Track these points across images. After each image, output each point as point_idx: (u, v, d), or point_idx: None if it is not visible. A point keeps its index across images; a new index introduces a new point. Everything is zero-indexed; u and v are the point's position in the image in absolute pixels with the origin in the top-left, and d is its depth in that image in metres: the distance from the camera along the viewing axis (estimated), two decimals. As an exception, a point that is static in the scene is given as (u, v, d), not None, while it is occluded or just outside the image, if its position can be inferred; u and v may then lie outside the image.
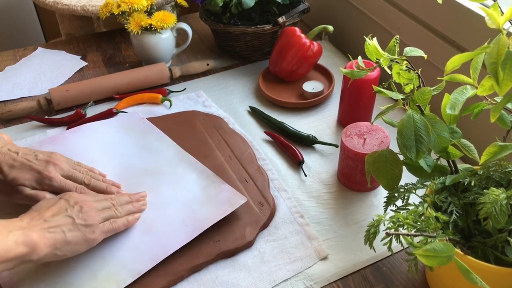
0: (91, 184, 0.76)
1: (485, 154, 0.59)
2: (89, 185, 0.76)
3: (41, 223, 0.62)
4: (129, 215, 0.72)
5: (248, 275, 0.70)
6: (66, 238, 0.63)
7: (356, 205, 0.81)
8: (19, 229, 0.59)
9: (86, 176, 0.77)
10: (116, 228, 0.69)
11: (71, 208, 0.66)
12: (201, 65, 1.12)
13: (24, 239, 0.58)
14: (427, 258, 0.50)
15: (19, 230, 0.59)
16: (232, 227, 0.74)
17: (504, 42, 0.48)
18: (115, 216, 0.70)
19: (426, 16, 0.93)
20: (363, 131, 0.81)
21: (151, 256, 0.69)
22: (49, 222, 0.63)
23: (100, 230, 0.67)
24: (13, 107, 0.98)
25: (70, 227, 0.64)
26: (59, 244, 0.62)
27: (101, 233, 0.67)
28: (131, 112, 0.98)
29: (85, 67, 1.16)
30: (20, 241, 0.58)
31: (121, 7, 1.06)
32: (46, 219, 0.63)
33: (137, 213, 0.74)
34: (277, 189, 0.83)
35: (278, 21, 1.07)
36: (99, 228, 0.67)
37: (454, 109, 0.57)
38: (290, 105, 1.01)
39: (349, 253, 0.73)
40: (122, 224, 0.70)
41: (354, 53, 1.17)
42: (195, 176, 0.81)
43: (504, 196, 0.53)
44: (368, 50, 0.65)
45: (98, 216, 0.67)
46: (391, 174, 0.65)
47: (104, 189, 0.77)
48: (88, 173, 0.78)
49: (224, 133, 0.93)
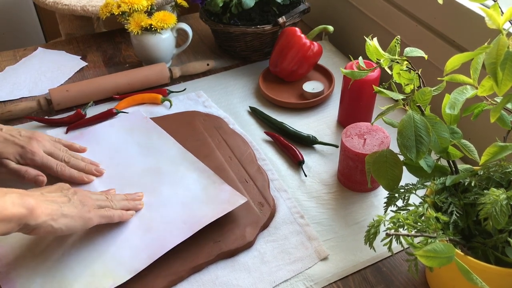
0: (71, 162, 0.80)
1: (485, 154, 0.59)
2: (69, 162, 0.80)
3: (38, 194, 0.64)
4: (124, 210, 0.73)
5: (248, 275, 0.70)
6: (63, 211, 0.63)
7: (356, 206, 0.81)
8: (16, 193, 0.60)
9: (66, 154, 0.81)
10: (111, 215, 0.70)
11: (66, 191, 0.68)
12: (201, 65, 1.12)
13: (21, 201, 0.59)
14: (428, 258, 0.50)
15: (16, 193, 0.60)
16: (232, 228, 0.75)
17: (503, 42, 0.48)
18: (110, 206, 0.71)
19: (426, 16, 0.93)
20: (363, 132, 0.81)
21: (149, 253, 0.69)
22: (45, 195, 0.64)
23: (96, 213, 0.68)
24: (13, 107, 0.98)
25: (67, 203, 0.65)
26: (55, 215, 0.62)
27: (97, 216, 0.68)
28: (134, 112, 0.98)
29: (85, 67, 1.16)
30: (17, 202, 0.58)
31: (121, 7, 1.06)
32: (42, 193, 0.65)
33: (131, 210, 0.74)
34: (277, 189, 0.83)
35: (278, 21, 1.07)
36: (95, 211, 0.68)
37: (453, 108, 0.57)
38: (290, 105, 1.01)
39: (349, 254, 0.73)
40: (116, 215, 0.71)
41: (355, 53, 1.17)
42: (196, 175, 0.81)
43: (504, 196, 0.53)
44: (368, 50, 0.65)
45: (93, 202, 0.69)
46: (391, 174, 0.65)
47: (82, 167, 0.80)
48: (68, 152, 0.82)
49: (224, 133, 0.93)
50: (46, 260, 0.68)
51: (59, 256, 0.69)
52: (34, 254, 0.69)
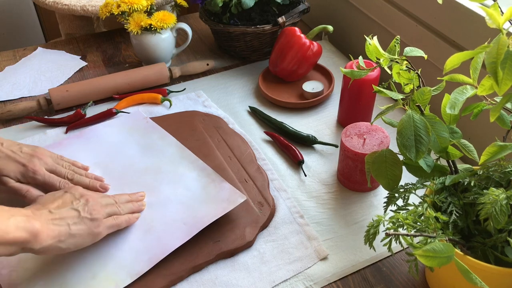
0: (75, 179, 0.77)
1: (485, 154, 0.59)
2: (73, 179, 0.76)
3: (46, 213, 0.62)
4: (130, 213, 0.73)
5: (248, 275, 0.70)
6: (71, 231, 0.62)
7: (356, 205, 0.81)
8: (21, 215, 0.59)
9: (69, 171, 0.77)
10: (119, 224, 0.70)
11: (77, 201, 0.66)
12: (201, 65, 1.12)
13: (25, 225, 0.58)
14: (427, 258, 0.50)
15: (22, 216, 0.59)
16: (232, 227, 0.74)
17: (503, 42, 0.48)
18: (118, 212, 0.70)
19: (426, 16, 0.93)
20: (363, 131, 0.81)
21: (150, 256, 0.69)
22: (54, 213, 0.62)
23: (104, 224, 0.67)
24: (13, 107, 0.98)
25: (76, 220, 0.64)
26: (63, 236, 0.62)
27: (105, 228, 0.67)
28: (135, 112, 0.98)
29: (85, 67, 1.16)
30: (21, 226, 0.57)
31: (121, 7, 1.06)
32: (51, 210, 0.63)
33: (137, 213, 0.74)
34: (277, 189, 0.83)
35: (278, 21, 1.07)
36: (104, 222, 0.67)
37: (454, 108, 0.57)
38: (290, 105, 1.01)
39: (349, 253, 0.73)
40: (124, 220, 0.71)
41: (354, 53, 1.17)
42: (196, 174, 0.81)
43: (504, 196, 0.53)
44: (368, 50, 0.65)
45: (103, 211, 0.68)
46: (391, 174, 0.65)
47: (87, 183, 0.77)
48: (71, 168, 0.78)
49: (224, 133, 0.93)
50: (48, 263, 0.68)
51: (60, 259, 0.69)
52: (36, 257, 0.69)
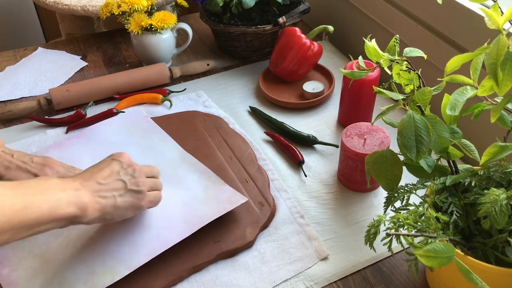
0: None
1: (486, 154, 0.59)
2: None
3: (94, 185, 0.62)
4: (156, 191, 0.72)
5: (248, 275, 0.70)
6: (116, 204, 0.63)
7: (356, 206, 0.81)
8: (72, 189, 0.59)
9: None
10: (157, 201, 0.70)
11: (124, 171, 0.66)
12: (201, 65, 1.12)
13: (76, 200, 0.59)
14: (428, 258, 0.50)
15: (73, 190, 0.59)
16: (232, 227, 0.75)
17: (503, 43, 0.48)
18: (155, 187, 0.70)
19: (426, 16, 0.93)
20: (364, 132, 0.81)
21: (149, 250, 0.69)
22: (101, 185, 0.63)
23: (148, 198, 0.68)
24: (13, 107, 0.98)
25: (122, 192, 0.64)
26: (109, 208, 0.63)
27: (147, 202, 0.68)
28: (135, 110, 0.98)
29: (85, 67, 1.16)
30: (72, 201, 0.58)
31: (121, 7, 1.06)
32: (99, 181, 0.63)
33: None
34: (277, 189, 0.83)
35: (279, 21, 1.07)
36: (147, 196, 0.67)
37: (454, 110, 0.57)
38: (290, 105, 1.01)
39: (350, 254, 0.73)
40: (159, 199, 0.71)
41: (355, 53, 1.17)
42: (197, 176, 0.81)
43: (504, 196, 0.53)
44: (368, 51, 0.65)
45: (147, 183, 0.68)
46: (391, 174, 0.65)
47: None
48: None
49: (224, 133, 0.93)
50: (47, 261, 0.69)
51: (59, 257, 0.69)
52: (35, 256, 0.69)
